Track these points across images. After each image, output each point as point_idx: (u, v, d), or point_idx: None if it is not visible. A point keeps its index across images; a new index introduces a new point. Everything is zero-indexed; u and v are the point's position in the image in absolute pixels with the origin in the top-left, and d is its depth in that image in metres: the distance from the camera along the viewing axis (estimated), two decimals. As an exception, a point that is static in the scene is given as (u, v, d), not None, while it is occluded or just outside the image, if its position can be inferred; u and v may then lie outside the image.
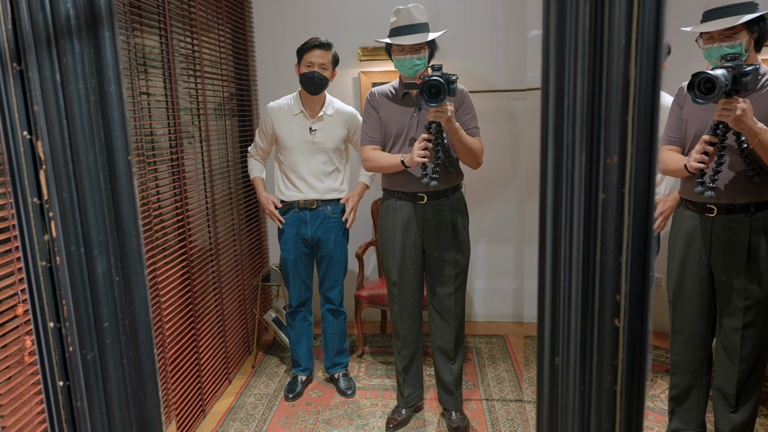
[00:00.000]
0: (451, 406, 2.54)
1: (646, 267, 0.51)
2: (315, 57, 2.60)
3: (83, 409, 0.59)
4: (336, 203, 2.79)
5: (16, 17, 0.53)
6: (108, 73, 0.57)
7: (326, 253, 2.81)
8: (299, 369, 2.97)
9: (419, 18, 2.25)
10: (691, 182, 1.95)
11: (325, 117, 2.73)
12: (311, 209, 2.75)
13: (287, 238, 2.79)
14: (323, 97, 2.75)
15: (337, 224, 2.80)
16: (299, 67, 2.66)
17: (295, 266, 2.81)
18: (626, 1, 0.47)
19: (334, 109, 2.76)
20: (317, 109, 2.73)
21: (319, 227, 2.77)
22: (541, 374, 0.59)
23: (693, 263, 2.00)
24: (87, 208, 0.57)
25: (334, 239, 2.80)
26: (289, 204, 2.77)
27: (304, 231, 2.77)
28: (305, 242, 2.80)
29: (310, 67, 2.60)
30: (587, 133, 0.50)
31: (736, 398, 1.98)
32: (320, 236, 2.78)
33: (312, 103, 2.72)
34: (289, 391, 2.90)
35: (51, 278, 0.57)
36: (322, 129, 2.72)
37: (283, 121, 2.72)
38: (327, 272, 2.85)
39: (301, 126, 2.71)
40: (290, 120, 2.72)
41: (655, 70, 0.47)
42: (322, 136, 2.72)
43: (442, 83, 2.02)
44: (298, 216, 2.76)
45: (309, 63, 2.61)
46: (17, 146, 0.55)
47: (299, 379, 2.95)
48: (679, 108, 2.03)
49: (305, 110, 2.72)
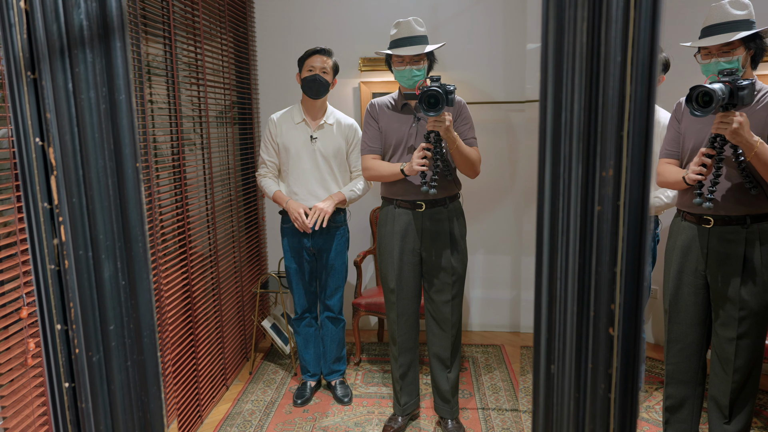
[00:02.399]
0: (448, 414, 2.55)
1: (640, 277, 0.52)
2: (316, 62, 2.63)
3: (88, 410, 0.60)
4: (337, 212, 2.80)
5: (31, 27, 0.55)
6: (118, 82, 0.59)
7: (327, 262, 2.82)
8: (308, 375, 2.98)
9: (419, 30, 2.28)
10: (689, 194, 1.98)
11: (325, 126, 2.75)
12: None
13: (290, 247, 2.80)
14: (324, 105, 2.77)
15: (339, 233, 2.82)
16: (300, 73, 2.69)
17: (299, 274, 2.82)
18: (622, 19, 0.48)
19: (335, 119, 2.79)
20: (318, 117, 2.75)
21: (320, 236, 2.78)
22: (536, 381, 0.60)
23: (689, 274, 2.02)
24: (96, 213, 0.59)
25: (336, 248, 2.81)
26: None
27: (306, 240, 2.78)
28: (307, 251, 2.81)
29: (312, 71, 2.63)
30: (584, 146, 0.52)
31: (729, 409, 1.98)
32: (321, 245, 2.79)
33: (314, 110, 2.74)
34: (298, 396, 2.91)
35: (59, 281, 0.58)
36: (322, 137, 2.74)
37: (286, 129, 2.74)
38: (328, 280, 2.86)
39: (303, 134, 2.73)
40: (292, 127, 2.74)
41: (650, 86, 0.49)
42: (322, 144, 2.73)
43: (441, 93, 2.04)
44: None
45: (311, 67, 2.64)
46: (29, 152, 0.56)
47: (308, 385, 2.96)
48: (677, 122, 2.06)
49: (307, 118, 2.74)
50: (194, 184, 2.71)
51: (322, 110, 2.76)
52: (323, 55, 2.65)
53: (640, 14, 0.47)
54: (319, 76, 2.62)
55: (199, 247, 2.76)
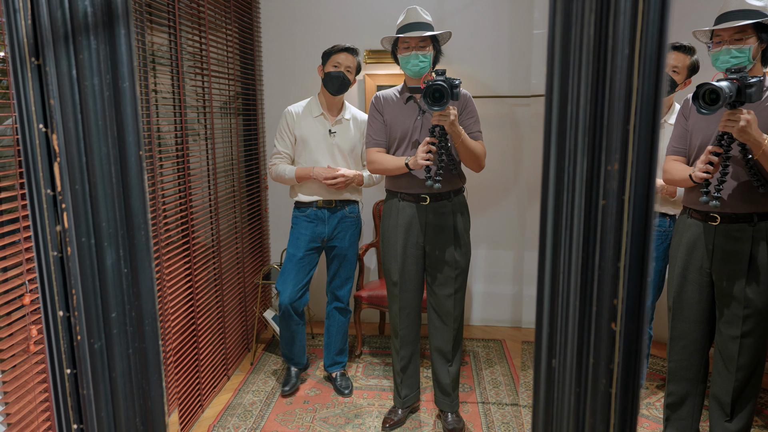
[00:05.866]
0: (448, 407, 2.55)
1: (643, 272, 0.52)
2: (342, 59, 2.65)
3: (89, 396, 0.60)
4: (353, 204, 2.85)
5: (36, 13, 0.55)
6: (122, 69, 0.58)
7: (340, 252, 2.85)
8: (292, 362, 2.98)
9: (425, 17, 2.31)
10: (695, 192, 1.97)
11: (343, 120, 2.79)
12: (330, 208, 2.79)
13: (301, 235, 2.80)
14: (342, 101, 2.81)
15: (353, 224, 2.86)
16: (324, 67, 2.69)
17: (300, 264, 2.81)
18: (631, 12, 0.48)
19: (352, 114, 2.83)
20: (336, 112, 2.79)
21: (336, 226, 2.81)
22: (537, 375, 0.60)
23: (694, 271, 2.01)
24: (98, 200, 0.59)
25: (350, 238, 2.85)
26: (307, 203, 2.79)
27: (321, 229, 2.80)
28: (321, 240, 2.82)
29: (337, 67, 2.65)
30: (589, 140, 0.51)
31: (731, 407, 1.98)
32: (336, 235, 2.83)
33: (331, 105, 2.77)
34: (285, 384, 2.92)
35: (62, 268, 0.59)
36: (340, 132, 2.78)
37: (304, 122, 2.76)
38: (339, 270, 2.89)
39: (322, 127, 2.76)
40: (311, 120, 2.77)
41: (657, 80, 0.48)
42: (340, 138, 2.77)
43: (446, 87, 2.03)
44: (316, 215, 2.79)
45: (336, 63, 2.65)
46: (33, 138, 0.56)
47: (292, 371, 2.97)
48: (684, 119, 2.05)
49: (325, 112, 2.77)
50: (197, 175, 2.72)
51: (339, 105, 2.80)
52: (350, 54, 2.67)
53: (648, 6, 0.47)
54: (344, 74, 2.65)
55: (202, 237, 2.77)
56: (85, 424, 0.61)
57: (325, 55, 2.70)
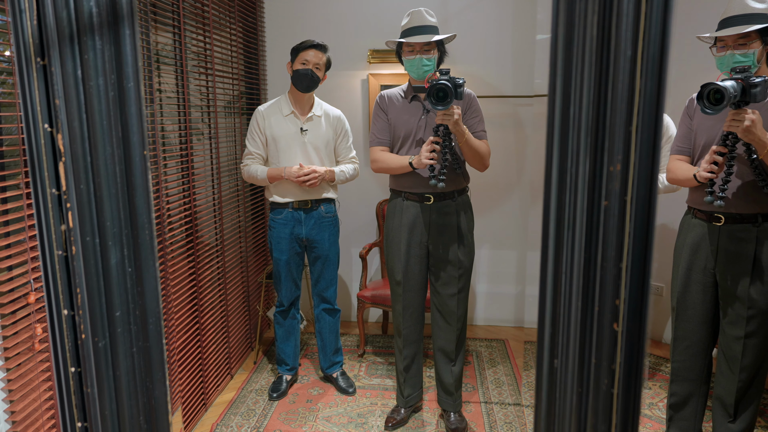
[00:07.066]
0: (450, 407, 2.55)
1: (645, 273, 0.52)
2: (310, 56, 2.62)
3: (93, 395, 0.61)
4: (329, 203, 2.82)
5: (41, 14, 0.55)
6: (127, 70, 0.59)
7: (321, 253, 2.82)
8: (285, 368, 2.97)
9: (430, 20, 2.28)
10: (699, 191, 1.96)
11: (314, 117, 2.75)
12: (306, 209, 2.76)
13: (281, 238, 2.78)
14: (312, 97, 2.78)
15: (331, 224, 2.83)
16: (293, 64, 2.67)
17: (288, 266, 2.81)
18: (633, 13, 0.48)
19: (323, 110, 2.80)
20: (306, 109, 2.75)
21: (313, 227, 2.78)
22: (539, 375, 0.60)
23: (698, 271, 2.00)
24: (103, 200, 0.59)
25: (329, 239, 2.82)
26: (282, 204, 2.77)
27: (298, 230, 2.77)
28: (299, 242, 2.81)
29: (305, 65, 2.62)
30: (591, 140, 0.52)
31: (734, 408, 1.98)
32: (315, 236, 2.79)
33: (302, 102, 2.74)
34: (273, 390, 2.90)
35: (66, 267, 0.59)
36: (312, 129, 2.74)
37: (275, 121, 2.73)
38: (323, 272, 2.87)
39: (292, 126, 2.73)
40: (281, 119, 2.73)
41: (659, 81, 0.48)
42: (312, 135, 2.73)
43: (450, 87, 2.03)
44: (292, 216, 2.76)
45: (304, 61, 2.62)
46: (38, 138, 0.57)
47: (284, 379, 2.95)
48: (688, 118, 2.04)
49: (296, 110, 2.74)
50: (201, 174, 2.72)
51: (309, 102, 2.77)
52: (319, 51, 2.64)
53: (651, 8, 0.47)
54: (312, 72, 2.62)
55: (206, 236, 2.77)
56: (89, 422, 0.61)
57: (294, 51, 2.66)
